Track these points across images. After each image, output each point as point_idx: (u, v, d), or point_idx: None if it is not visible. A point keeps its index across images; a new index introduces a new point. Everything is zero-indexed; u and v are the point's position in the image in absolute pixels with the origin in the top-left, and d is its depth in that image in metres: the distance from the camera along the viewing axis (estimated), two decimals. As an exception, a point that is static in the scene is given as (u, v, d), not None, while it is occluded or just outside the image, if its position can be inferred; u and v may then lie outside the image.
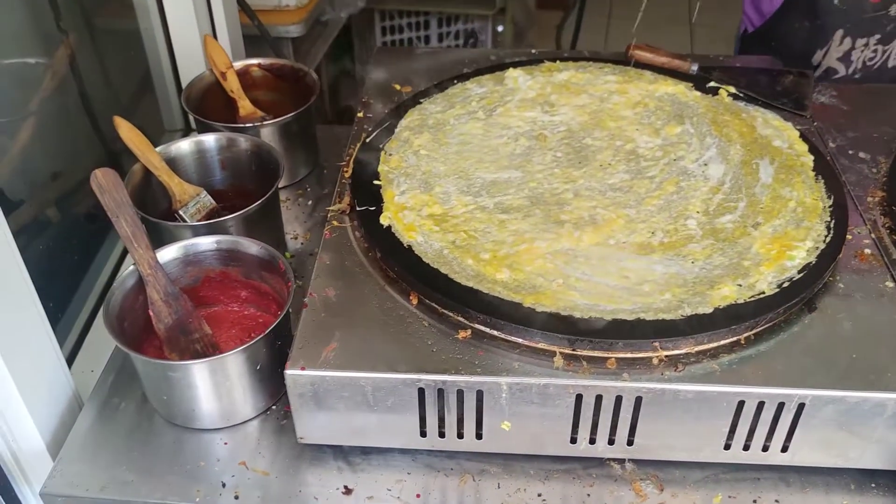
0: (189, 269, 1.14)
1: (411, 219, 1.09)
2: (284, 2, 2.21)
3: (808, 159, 1.21)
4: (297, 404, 0.97)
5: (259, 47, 1.93)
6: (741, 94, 1.36)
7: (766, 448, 0.97)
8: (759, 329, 0.98)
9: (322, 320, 1.00)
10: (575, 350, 0.95)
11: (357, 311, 1.01)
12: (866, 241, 1.12)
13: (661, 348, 0.94)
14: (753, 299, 0.98)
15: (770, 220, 1.09)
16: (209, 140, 1.31)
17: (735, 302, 0.98)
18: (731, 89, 1.36)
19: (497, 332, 0.97)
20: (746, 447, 0.97)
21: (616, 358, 0.94)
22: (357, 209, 1.12)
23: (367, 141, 1.25)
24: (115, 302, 1.05)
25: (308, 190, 1.45)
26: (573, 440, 0.98)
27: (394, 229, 1.08)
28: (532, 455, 1.01)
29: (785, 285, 1.00)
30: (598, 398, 0.93)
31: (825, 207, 1.12)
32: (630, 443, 0.97)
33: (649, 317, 0.95)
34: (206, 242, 1.12)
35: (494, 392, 0.93)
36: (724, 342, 0.96)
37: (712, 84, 1.38)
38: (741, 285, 1.00)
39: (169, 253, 1.11)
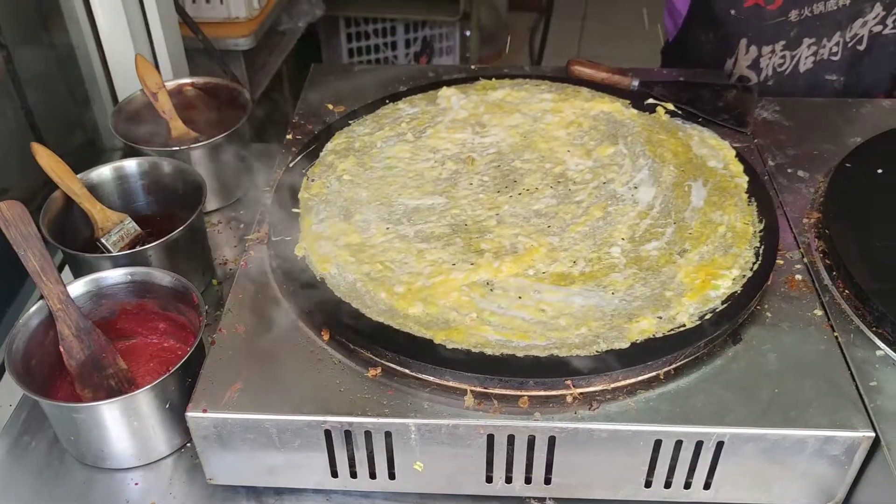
0: (104, 302, 1.11)
1: (327, 249, 1.06)
2: (234, 13, 2.15)
3: (743, 180, 1.18)
4: (202, 446, 0.94)
5: (209, 62, 1.90)
6: (680, 111, 1.33)
7: (688, 485, 0.94)
8: (679, 364, 0.95)
9: (229, 358, 0.96)
10: (486, 388, 0.91)
11: (267, 349, 0.98)
12: (798, 266, 1.09)
13: (574, 386, 0.91)
14: (673, 333, 0.95)
15: (697, 246, 1.06)
16: (131, 165, 1.27)
17: (653, 336, 0.94)
18: (670, 106, 1.33)
19: (407, 370, 0.94)
20: (668, 484, 0.94)
21: (529, 396, 0.91)
22: (273, 239, 1.09)
23: (290, 166, 1.22)
24: (20, 343, 1.02)
25: (241, 213, 1.40)
26: (489, 479, 0.95)
27: (308, 260, 1.05)
28: (449, 494, 0.98)
29: (707, 317, 0.97)
30: (511, 437, 0.90)
31: (755, 232, 1.08)
32: (548, 481, 0.94)
33: (563, 353, 0.92)
34: (118, 275, 1.09)
35: (403, 433, 0.90)
36: (642, 378, 0.93)
37: (650, 101, 1.34)
38: (661, 318, 0.96)
39: (79, 287, 1.08)
